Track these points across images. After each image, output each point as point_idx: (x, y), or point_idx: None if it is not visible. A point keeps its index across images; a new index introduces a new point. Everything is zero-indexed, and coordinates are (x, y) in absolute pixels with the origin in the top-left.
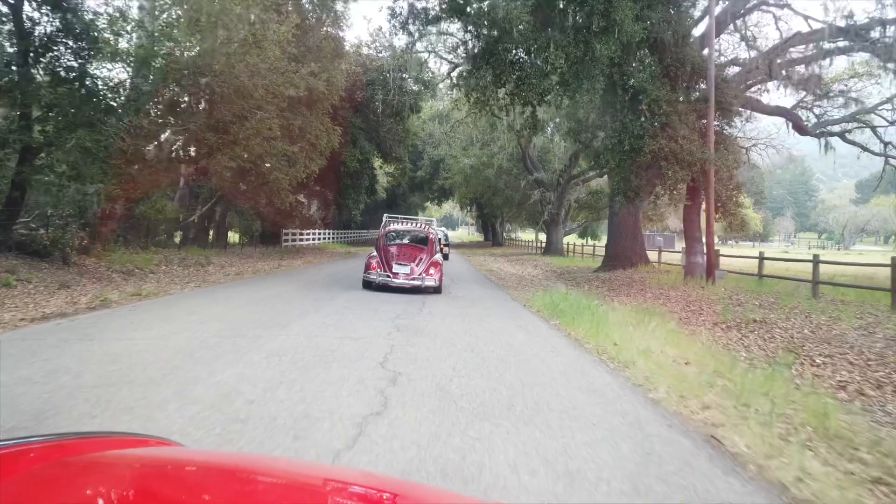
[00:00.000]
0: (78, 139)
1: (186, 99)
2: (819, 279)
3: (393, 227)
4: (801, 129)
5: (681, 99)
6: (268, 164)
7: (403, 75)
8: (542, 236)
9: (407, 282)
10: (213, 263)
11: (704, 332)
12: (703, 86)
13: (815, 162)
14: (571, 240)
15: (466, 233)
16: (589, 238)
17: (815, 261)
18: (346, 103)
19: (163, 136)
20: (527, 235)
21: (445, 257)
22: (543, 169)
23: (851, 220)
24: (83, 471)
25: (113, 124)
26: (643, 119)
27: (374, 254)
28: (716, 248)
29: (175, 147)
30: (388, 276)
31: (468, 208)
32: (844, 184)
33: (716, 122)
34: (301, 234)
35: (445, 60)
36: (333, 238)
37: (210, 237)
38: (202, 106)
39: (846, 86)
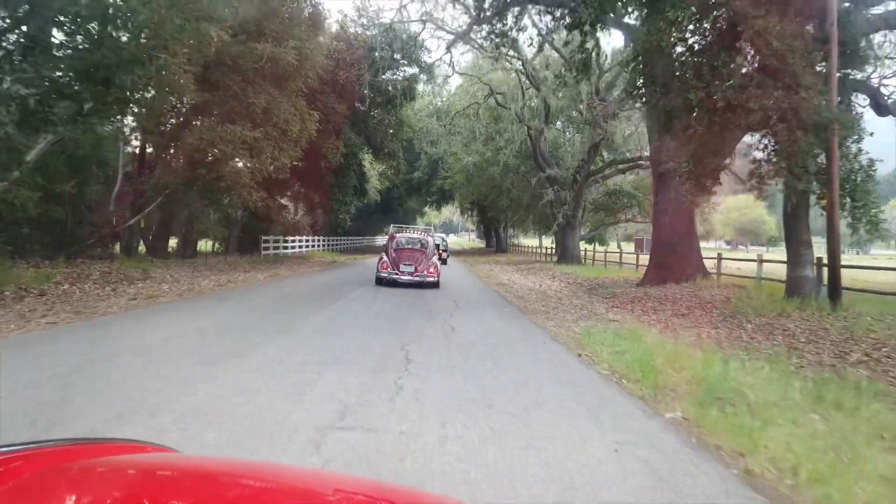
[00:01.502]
0: None
1: (49, 32)
2: None
3: (399, 235)
4: (879, 107)
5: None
6: (231, 157)
7: (395, 55)
8: (547, 241)
9: (411, 278)
10: (150, 278)
11: None
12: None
13: None
14: (580, 246)
15: (467, 239)
16: (597, 244)
17: None
18: (327, 87)
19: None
20: (529, 241)
21: (444, 262)
22: (557, 166)
23: None
24: (81, 477)
25: None
26: (745, 61)
27: (384, 258)
28: (723, 253)
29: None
30: (396, 274)
31: (469, 213)
32: None
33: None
34: (284, 241)
35: (443, 30)
36: (323, 245)
37: (171, 245)
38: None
39: None
